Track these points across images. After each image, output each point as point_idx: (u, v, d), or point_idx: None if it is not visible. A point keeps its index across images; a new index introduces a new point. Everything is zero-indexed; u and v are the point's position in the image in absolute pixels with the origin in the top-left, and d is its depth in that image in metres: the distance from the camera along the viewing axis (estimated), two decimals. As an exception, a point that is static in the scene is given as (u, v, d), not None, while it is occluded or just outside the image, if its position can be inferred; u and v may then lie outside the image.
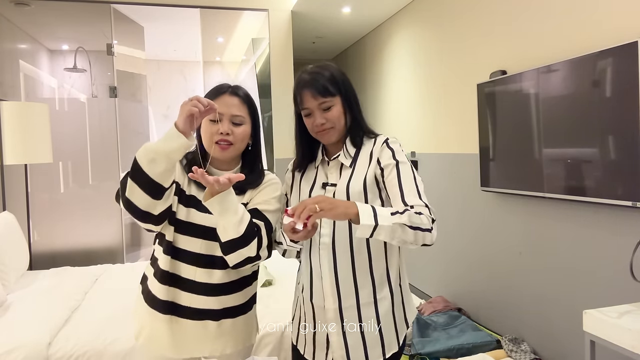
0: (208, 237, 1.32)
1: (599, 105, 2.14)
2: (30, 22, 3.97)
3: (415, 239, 1.17)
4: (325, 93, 1.30)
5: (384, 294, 1.33)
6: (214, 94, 1.36)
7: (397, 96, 4.48)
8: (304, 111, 1.33)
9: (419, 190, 1.27)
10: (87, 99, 4.07)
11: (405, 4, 4.15)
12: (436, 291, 3.85)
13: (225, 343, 1.38)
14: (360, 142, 1.35)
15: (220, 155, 1.34)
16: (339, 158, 1.35)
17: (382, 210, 1.16)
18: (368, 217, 1.12)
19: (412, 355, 2.78)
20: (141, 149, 1.21)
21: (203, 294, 1.34)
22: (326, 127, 1.31)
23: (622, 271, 2.11)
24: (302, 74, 1.34)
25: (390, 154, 1.31)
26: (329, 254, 1.30)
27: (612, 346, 1.58)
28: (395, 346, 1.34)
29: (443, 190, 3.67)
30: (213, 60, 4.81)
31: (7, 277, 2.65)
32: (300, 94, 1.32)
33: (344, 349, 1.30)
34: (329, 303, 1.31)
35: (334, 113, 1.31)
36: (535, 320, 2.72)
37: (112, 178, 4.02)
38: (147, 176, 1.18)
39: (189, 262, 1.34)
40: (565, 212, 2.46)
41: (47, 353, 1.98)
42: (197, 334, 1.35)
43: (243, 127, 1.35)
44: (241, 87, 1.40)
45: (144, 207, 1.21)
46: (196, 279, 1.34)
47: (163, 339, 1.36)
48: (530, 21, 2.66)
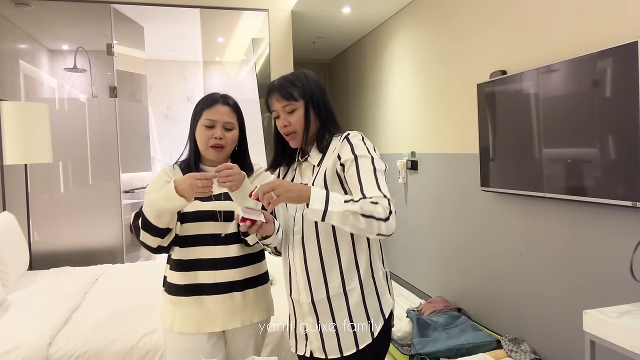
0: (217, 219, 1.54)
1: (599, 105, 2.14)
2: (30, 22, 3.97)
3: (368, 227, 1.21)
4: (289, 97, 1.39)
5: (353, 285, 1.37)
6: (209, 103, 1.57)
7: (397, 96, 4.48)
8: (273, 113, 1.44)
9: (378, 183, 1.28)
10: (87, 99, 4.07)
11: (405, 4, 4.15)
12: (436, 291, 3.85)
13: (252, 313, 1.59)
14: (327, 143, 1.41)
15: (214, 156, 1.58)
16: (309, 159, 1.44)
17: (337, 196, 1.23)
18: (319, 201, 1.21)
19: (412, 355, 2.78)
20: (146, 205, 1.44)
21: (226, 267, 1.54)
22: (289, 130, 1.41)
23: (622, 271, 2.11)
24: (274, 80, 1.46)
25: (349, 148, 1.34)
26: (300, 248, 1.39)
27: (612, 346, 1.59)
28: (369, 337, 1.37)
29: (443, 190, 3.67)
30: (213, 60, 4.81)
31: (7, 277, 2.65)
32: (269, 97, 1.44)
33: (320, 340, 1.38)
34: (302, 297, 1.40)
35: (296, 117, 1.40)
36: (535, 320, 2.72)
37: (112, 178, 4.03)
38: (156, 227, 1.44)
39: (207, 244, 1.53)
40: (565, 212, 2.46)
41: (47, 353, 1.99)
42: (227, 307, 1.54)
43: (233, 132, 1.59)
44: (230, 97, 1.63)
45: (156, 245, 1.49)
46: (216, 256, 1.53)
47: (197, 317, 1.53)
48: (530, 21, 2.66)
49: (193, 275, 1.53)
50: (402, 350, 2.87)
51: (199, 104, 1.59)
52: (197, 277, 1.53)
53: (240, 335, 1.61)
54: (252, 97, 4.60)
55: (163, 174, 1.60)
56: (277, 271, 2.88)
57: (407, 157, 4.26)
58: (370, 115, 5.21)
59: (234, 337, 1.60)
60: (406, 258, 4.30)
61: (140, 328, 2.14)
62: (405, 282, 4.41)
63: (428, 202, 3.93)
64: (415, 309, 3.43)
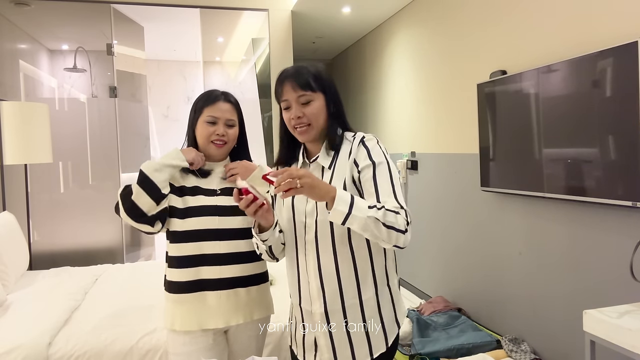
0: (221, 214, 1.54)
1: (599, 105, 2.13)
2: (30, 22, 3.97)
3: (388, 237, 1.17)
4: (306, 87, 1.28)
5: (369, 295, 1.31)
6: (211, 100, 1.57)
7: (397, 96, 4.48)
8: (283, 103, 1.32)
9: (395, 192, 1.24)
10: (87, 99, 4.07)
11: (405, 4, 4.15)
12: (436, 291, 3.85)
13: (254, 309, 1.59)
14: (339, 143, 1.33)
15: (216, 152, 1.59)
16: (318, 160, 1.34)
17: (361, 201, 1.17)
18: (344, 204, 1.14)
19: (412, 355, 2.78)
20: (145, 163, 1.51)
21: (230, 263, 1.53)
22: (303, 122, 1.29)
23: (622, 271, 2.11)
24: (287, 68, 1.35)
25: (366, 153, 1.28)
26: (313, 256, 1.30)
27: (612, 346, 1.58)
28: (383, 347, 1.33)
29: (443, 190, 3.67)
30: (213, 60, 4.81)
31: (7, 277, 2.65)
32: (281, 85, 1.31)
33: (331, 351, 1.31)
34: (315, 307, 1.32)
35: (312, 109, 1.29)
36: (535, 320, 2.72)
37: (112, 178, 4.02)
38: (152, 182, 1.48)
39: (212, 239, 1.52)
40: (565, 212, 2.46)
41: (47, 353, 1.99)
42: (230, 303, 1.54)
43: (234, 129, 1.61)
44: (231, 94, 1.64)
45: (145, 208, 1.48)
46: (221, 251, 1.52)
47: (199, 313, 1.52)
48: (530, 21, 2.66)
49: (196, 271, 1.52)
50: (402, 350, 2.87)
51: (200, 100, 1.59)
52: (200, 273, 1.52)
53: (242, 335, 1.60)
54: (252, 97, 4.60)
55: None
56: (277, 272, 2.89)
57: (407, 157, 4.26)
58: (370, 115, 5.21)
59: (236, 337, 1.60)
60: (406, 258, 4.30)
61: (140, 328, 2.14)
62: (405, 282, 4.41)
63: (428, 202, 3.93)
64: (415, 309, 3.43)
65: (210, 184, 1.60)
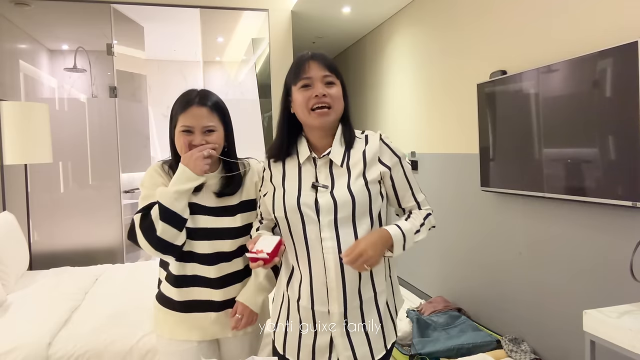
0: (213, 238, 1.44)
1: (599, 105, 2.13)
2: (30, 22, 3.97)
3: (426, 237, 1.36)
4: (332, 69, 1.29)
5: (382, 288, 1.35)
6: (183, 106, 1.41)
7: (397, 96, 4.48)
8: (303, 81, 1.26)
9: (418, 186, 1.40)
10: (87, 99, 4.07)
11: (405, 4, 4.15)
12: (436, 291, 3.85)
13: None
14: (351, 140, 1.32)
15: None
16: (330, 155, 1.29)
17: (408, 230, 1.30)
18: (400, 245, 1.27)
19: (412, 355, 2.78)
20: (159, 195, 1.34)
21: (222, 287, 1.46)
22: (326, 102, 1.25)
23: (622, 271, 2.11)
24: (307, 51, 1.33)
25: (390, 151, 1.34)
26: (335, 263, 1.26)
27: (612, 346, 1.58)
28: (394, 335, 1.39)
29: (443, 190, 3.67)
30: (213, 60, 4.80)
31: (7, 277, 2.65)
32: (306, 62, 1.27)
33: (350, 349, 1.30)
34: (334, 307, 1.29)
35: (335, 92, 1.28)
36: (535, 320, 2.72)
37: (112, 178, 4.02)
38: (175, 213, 1.33)
39: (203, 262, 1.44)
40: (565, 212, 2.46)
41: (47, 353, 1.99)
42: (222, 321, 1.49)
43: (215, 134, 1.41)
44: (208, 95, 1.44)
45: (171, 239, 1.34)
46: (211, 276, 1.45)
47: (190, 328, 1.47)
48: (530, 21, 2.66)
49: (190, 292, 1.46)
50: (402, 350, 2.87)
51: (174, 106, 1.44)
52: (192, 294, 1.46)
53: (234, 342, 1.55)
54: (252, 97, 4.60)
55: (155, 174, 1.47)
56: (277, 271, 2.88)
57: (407, 157, 4.26)
58: (370, 115, 5.21)
59: (228, 344, 1.55)
60: (406, 258, 4.29)
61: (140, 328, 2.14)
62: (405, 282, 4.41)
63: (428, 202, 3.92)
64: (415, 309, 3.43)
65: (203, 199, 1.45)
